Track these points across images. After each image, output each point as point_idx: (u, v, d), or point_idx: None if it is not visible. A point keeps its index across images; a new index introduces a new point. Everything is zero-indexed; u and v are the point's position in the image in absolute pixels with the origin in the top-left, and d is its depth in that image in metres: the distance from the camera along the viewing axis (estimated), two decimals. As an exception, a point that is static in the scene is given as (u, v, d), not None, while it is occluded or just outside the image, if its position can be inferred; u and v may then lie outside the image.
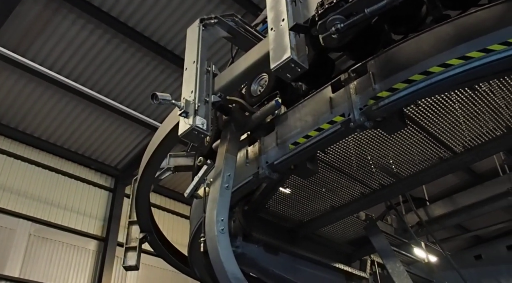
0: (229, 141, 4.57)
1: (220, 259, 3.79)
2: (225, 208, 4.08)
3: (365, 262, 6.73)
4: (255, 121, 4.65)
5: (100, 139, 12.89)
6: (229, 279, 3.74)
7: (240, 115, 4.74)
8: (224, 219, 3.98)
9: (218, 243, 3.84)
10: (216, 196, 4.16)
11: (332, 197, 5.51)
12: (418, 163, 4.82)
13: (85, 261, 12.33)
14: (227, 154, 4.43)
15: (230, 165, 4.34)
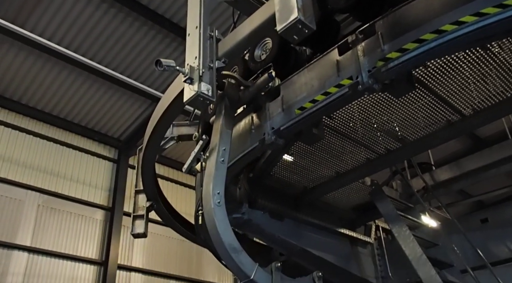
0: (223, 116, 4.57)
1: (217, 231, 3.88)
2: (221, 181, 4.13)
3: (369, 227, 6.77)
4: (249, 95, 4.64)
5: (102, 111, 12.85)
6: (227, 249, 3.85)
7: (234, 89, 4.70)
8: (220, 192, 4.05)
9: (215, 215, 3.93)
10: (212, 170, 4.21)
11: (337, 163, 5.50)
12: (425, 127, 4.77)
13: (93, 231, 12.51)
14: (222, 129, 4.45)
15: (225, 139, 4.37)
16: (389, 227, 6.15)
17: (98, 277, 12.03)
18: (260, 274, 3.98)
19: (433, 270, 4.67)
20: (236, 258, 3.88)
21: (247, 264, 3.92)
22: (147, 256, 13.30)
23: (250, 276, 3.88)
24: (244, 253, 3.94)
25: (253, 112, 4.42)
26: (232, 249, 3.88)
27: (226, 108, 4.59)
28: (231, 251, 3.88)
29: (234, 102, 4.67)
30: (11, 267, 10.52)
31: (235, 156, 4.57)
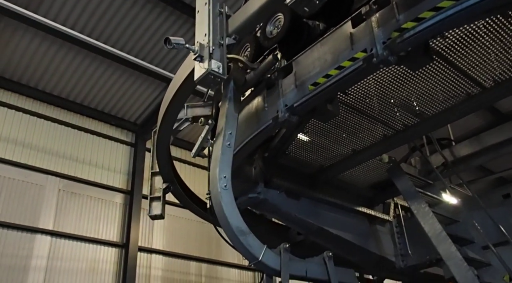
0: (229, 100, 4.54)
1: (225, 214, 3.93)
2: (227, 165, 4.14)
3: (388, 205, 6.68)
4: (256, 77, 4.61)
5: (118, 95, 12.87)
6: (235, 232, 3.89)
7: (240, 73, 4.67)
8: (227, 176, 4.06)
9: (222, 199, 3.96)
10: (218, 154, 4.21)
11: (354, 141, 5.40)
12: (444, 100, 4.64)
13: (113, 214, 12.67)
14: (228, 112, 4.43)
15: (231, 123, 4.35)
16: (407, 205, 6.06)
17: (119, 259, 12.22)
18: (269, 255, 4.02)
19: (454, 246, 4.58)
20: (244, 241, 3.94)
21: (255, 246, 3.98)
22: (167, 238, 13.45)
23: (259, 257, 3.94)
24: (252, 235, 3.99)
25: (266, 89, 4.33)
26: (239, 232, 3.94)
27: (232, 92, 4.55)
28: (238, 234, 3.93)
29: (240, 85, 4.63)
30: (35, 251, 10.75)
31: (248, 135, 4.52)
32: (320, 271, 4.56)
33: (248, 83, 4.72)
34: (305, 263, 4.55)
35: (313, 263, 4.62)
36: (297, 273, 4.33)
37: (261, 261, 3.96)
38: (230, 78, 4.61)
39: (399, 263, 6.02)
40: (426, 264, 5.70)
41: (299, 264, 4.41)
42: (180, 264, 13.36)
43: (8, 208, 10.71)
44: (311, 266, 4.53)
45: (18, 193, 11.05)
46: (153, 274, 12.73)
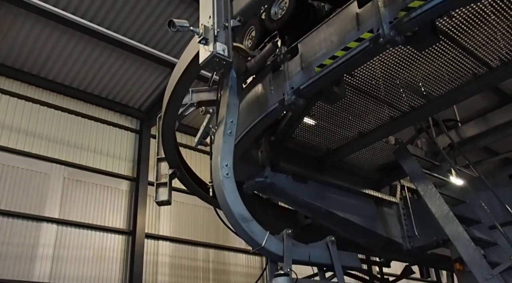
0: (230, 88, 4.55)
1: (227, 202, 3.99)
2: (229, 154, 4.18)
3: (394, 188, 6.70)
4: (257, 65, 4.63)
5: (122, 81, 12.82)
6: (237, 220, 3.96)
7: (241, 61, 4.68)
8: (229, 164, 4.10)
9: (224, 187, 4.01)
10: (220, 142, 4.25)
11: (360, 123, 5.39)
12: (450, 81, 4.62)
13: (119, 201, 12.69)
14: (229, 101, 4.46)
15: (233, 112, 4.38)
16: (414, 186, 6.06)
17: (126, 246, 12.28)
18: (271, 241, 4.09)
19: (461, 227, 4.60)
20: (246, 227, 4.00)
21: (258, 232, 4.05)
22: (173, 224, 13.49)
23: (261, 244, 4.01)
24: (254, 222, 4.05)
25: (272, 72, 4.31)
26: (242, 219, 4.00)
27: (232, 80, 4.55)
28: (241, 221, 4.00)
29: (241, 73, 4.64)
30: (41, 239, 10.80)
31: (254, 119, 4.51)
32: (323, 255, 4.61)
33: (249, 70, 4.75)
34: (308, 248, 4.61)
35: (316, 248, 4.69)
36: (300, 258, 4.40)
37: (264, 247, 4.03)
38: (231, 66, 4.68)
39: (406, 244, 6.05)
40: (433, 245, 5.73)
41: (302, 249, 4.47)
42: (187, 250, 13.43)
43: (13, 197, 10.74)
44: (314, 251, 4.59)
45: (23, 181, 11.07)
46: (161, 260, 12.81)
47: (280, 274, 3.70)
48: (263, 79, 4.50)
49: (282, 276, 3.69)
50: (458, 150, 5.89)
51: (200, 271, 13.45)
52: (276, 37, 4.56)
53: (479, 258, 4.29)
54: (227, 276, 13.95)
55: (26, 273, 10.16)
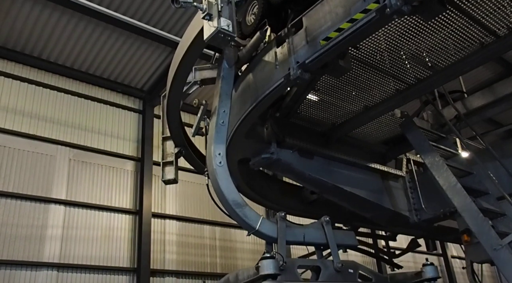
0: (222, 79, 4.79)
1: (221, 189, 4.26)
2: (221, 143, 4.45)
3: (400, 161, 6.69)
4: (247, 54, 4.76)
5: (123, 62, 12.72)
6: (231, 205, 4.24)
7: (233, 51, 4.81)
8: (221, 153, 4.37)
9: (217, 175, 4.28)
10: (213, 132, 4.47)
11: (365, 97, 5.36)
12: (457, 51, 4.56)
13: (125, 181, 12.75)
14: (221, 91, 4.70)
15: (225, 101, 4.62)
16: (421, 159, 6.05)
17: (134, 225, 12.38)
18: (265, 224, 4.34)
19: (469, 198, 4.60)
20: (240, 212, 4.27)
21: (252, 216, 4.31)
22: (179, 203, 13.57)
23: (255, 227, 4.27)
24: (248, 207, 4.31)
25: (276, 47, 4.25)
26: (236, 205, 4.27)
27: (225, 71, 4.81)
28: (235, 207, 4.27)
29: (233, 64, 4.81)
30: (50, 220, 10.90)
31: (259, 95, 4.47)
32: (318, 235, 4.76)
33: (241, 60, 4.88)
34: (303, 229, 4.79)
35: (310, 228, 4.85)
36: (295, 239, 4.60)
37: (258, 230, 4.29)
38: (223, 57, 4.88)
39: (413, 217, 6.07)
40: (440, 217, 5.75)
41: (296, 230, 4.66)
42: (194, 228, 13.54)
43: (20, 179, 10.80)
44: (308, 231, 4.76)
45: (29, 164, 11.11)
46: (168, 239, 12.93)
47: (266, 257, 3.85)
48: (267, 54, 4.44)
49: (268, 259, 3.83)
50: (465, 121, 5.85)
51: (207, 248, 13.59)
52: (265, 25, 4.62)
53: (487, 228, 4.31)
54: (234, 253, 14.10)
55: (36, 254, 10.29)
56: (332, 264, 4.49)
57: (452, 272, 19.08)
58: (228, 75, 4.91)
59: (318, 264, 4.50)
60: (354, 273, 4.65)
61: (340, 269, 4.48)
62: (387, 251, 8.33)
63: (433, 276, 4.71)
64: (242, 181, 6.27)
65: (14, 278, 9.81)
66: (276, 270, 3.80)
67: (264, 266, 3.79)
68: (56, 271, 10.46)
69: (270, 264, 3.80)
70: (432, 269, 4.74)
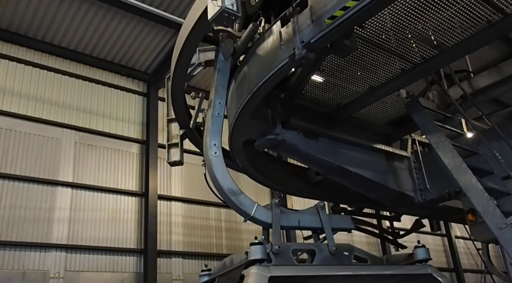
0: (218, 71, 4.94)
1: (216, 178, 4.45)
2: (217, 134, 4.64)
3: (405, 142, 6.67)
4: (242, 46, 4.91)
5: (126, 44, 12.69)
6: (226, 193, 4.43)
7: (228, 43, 4.98)
8: (217, 143, 4.57)
9: (213, 165, 4.48)
10: (209, 124, 4.66)
11: (371, 77, 5.32)
12: (464, 30, 4.50)
13: (130, 164, 12.84)
14: (217, 83, 4.85)
15: (220, 93, 4.80)
16: (426, 139, 6.04)
17: (140, 207, 12.50)
18: (260, 211, 4.53)
19: (474, 178, 4.59)
20: (235, 200, 4.46)
21: (247, 203, 4.50)
22: (185, 185, 13.67)
23: (251, 213, 4.46)
24: (243, 194, 4.49)
25: (281, 27, 4.21)
26: (231, 193, 4.46)
27: (221, 63, 4.95)
28: (230, 195, 4.45)
29: (228, 55, 4.96)
30: (57, 203, 11.02)
31: (264, 76, 4.45)
32: (313, 220, 4.92)
33: (237, 52, 5.03)
34: (298, 214, 4.97)
35: (305, 213, 5.01)
36: (290, 224, 4.79)
37: (253, 216, 4.47)
38: (219, 49, 5.03)
39: (417, 198, 6.08)
40: (445, 197, 5.75)
41: (291, 216, 4.84)
42: (199, 210, 13.66)
43: (27, 162, 10.90)
44: (303, 216, 4.92)
45: (36, 147, 11.20)
46: (174, 220, 13.06)
47: (255, 243, 4.00)
48: (271, 34, 4.41)
49: (256, 245, 3.98)
50: (471, 101, 5.81)
51: (213, 230, 13.73)
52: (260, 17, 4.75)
53: (492, 208, 4.31)
54: (239, 234, 14.23)
55: (45, 236, 10.45)
56: (327, 247, 4.63)
57: (456, 252, 19.21)
58: (223, 67, 5.03)
59: (313, 248, 4.64)
60: (349, 255, 4.78)
61: (334, 251, 4.63)
62: (392, 232, 8.36)
63: (424, 257, 4.84)
64: (247, 162, 6.28)
65: (24, 259, 9.98)
66: (264, 255, 3.96)
67: (252, 252, 3.96)
68: (64, 252, 10.62)
69: (257, 249, 3.96)
70: (423, 251, 4.87)
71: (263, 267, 3.89)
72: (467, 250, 19.73)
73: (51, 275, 10.25)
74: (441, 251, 19.48)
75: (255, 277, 3.75)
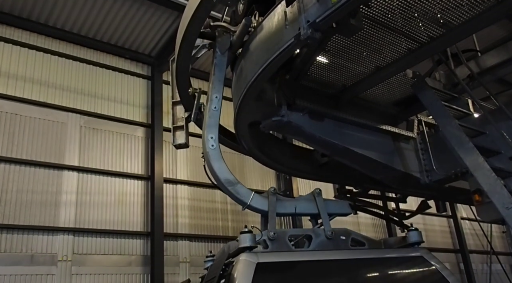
0: (215, 66, 5.13)
1: (214, 170, 4.70)
2: (214, 127, 4.88)
3: (412, 122, 6.64)
4: (237, 41, 5.10)
5: (130, 27, 12.58)
6: (223, 184, 4.70)
7: (225, 38, 5.18)
8: (214, 136, 4.81)
9: (210, 157, 4.74)
10: (206, 117, 4.90)
11: (377, 57, 5.27)
12: (471, 7, 4.43)
13: (136, 147, 12.85)
14: (214, 78, 5.07)
15: (217, 88, 5.02)
16: (433, 119, 6.00)
17: (146, 190, 12.55)
18: (256, 199, 4.73)
19: (481, 157, 4.57)
20: (232, 190, 4.68)
21: (244, 192, 4.72)
22: (190, 169, 13.68)
23: (247, 202, 4.66)
24: (239, 184, 4.72)
25: (286, 6, 4.16)
26: (228, 183, 4.69)
27: (217, 58, 5.14)
28: (227, 185, 4.68)
29: (225, 50, 5.17)
30: (63, 186, 11.08)
31: (269, 57, 4.41)
32: (309, 206, 5.03)
33: (234, 45, 5.19)
34: (294, 201, 5.13)
35: (301, 200, 5.16)
36: (287, 211, 4.98)
37: (250, 205, 4.68)
38: (216, 43, 5.22)
39: (424, 178, 6.07)
40: (451, 178, 5.74)
41: (288, 203, 4.98)
42: (205, 193, 13.69)
43: (33, 146, 10.92)
44: (300, 203, 5.06)
45: (41, 131, 11.21)
46: (180, 203, 13.10)
47: (244, 231, 4.17)
48: (277, 14, 4.35)
49: (245, 233, 4.15)
50: (478, 80, 5.74)
51: (219, 212, 13.78)
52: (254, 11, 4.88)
53: (499, 187, 4.29)
54: (245, 216, 14.27)
55: (52, 219, 10.53)
56: (323, 232, 4.74)
57: (461, 233, 19.25)
58: (220, 62, 5.22)
59: (309, 233, 4.75)
60: (346, 240, 4.85)
61: (331, 236, 4.73)
62: (397, 213, 8.38)
63: (416, 240, 4.94)
64: (252, 144, 6.28)
65: (32, 242, 10.08)
66: (252, 242, 4.12)
67: (241, 240, 4.13)
68: (72, 235, 10.72)
69: (246, 237, 4.12)
70: (415, 234, 4.98)
71: (251, 254, 4.06)
72: (472, 231, 19.76)
73: (59, 258, 10.36)
74: (447, 233, 19.52)
75: (243, 264, 3.93)
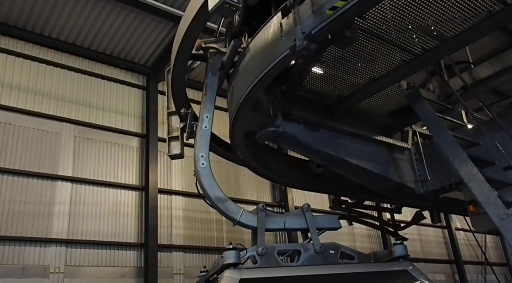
0: (206, 86, 5.31)
1: (204, 187, 4.86)
2: (204, 146, 5.03)
3: (406, 133, 6.69)
4: (228, 61, 5.31)
5: (125, 37, 12.59)
6: (213, 201, 4.82)
7: (216, 59, 5.34)
8: (204, 155, 4.96)
9: (200, 176, 4.90)
10: (197, 137, 5.07)
11: (371, 68, 5.32)
12: (464, 20, 4.49)
13: (130, 158, 12.78)
14: (205, 98, 5.25)
15: (208, 107, 5.20)
16: (427, 130, 6.03)
17: (140, 201, 12.45)
18: (246, 216, 4.82)
19: (475, 168, 4.59)
20: (222, 207, 4.80)
21: (233, 209, 4.83)
22: (185, 179, 13.61)
23: (237, 218, 4.75)
24: (229, 201, 4.86)
25: (282, 18, 4.19)
26: (218, 200, 4.81)
27: (209, 78, 5.31)
28: (217, 202, 4.80)
29: (216, 71, 5.34)
30: (57, 197, 10.97)
31: (265, 68, 4.43)
32: (299, 221, 5.06)
33: (225, 65, 5.36)
34: (283, 216, 5.19)
35: (291, 215, 5.22)
36: (276, 227, 5.01)
37: (239, 221, 4.76)
38: (207, 65, 5.37)
39: (419, 189, 6.10)
40: (446, 188, 5.77)
41: (277, 218, 5.03)
42: (200, 204, 13.57)
43: (26, 156, 10.83)
44: (289, 218, 5.11)
45: (35, 141, 11.12)
46: (175, 214, 13.02)
47: (230, 248, 4.26)
48: (272, 25, 4.39)
49: (229, 250, 4.25)
50: (471, 91, 5.80)
51: (214, 223, 13.71)
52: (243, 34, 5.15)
53: (494, 198, 4.31)
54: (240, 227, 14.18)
55: (44, 230, 10.41)
56: (312, 247, 4.76)
57: (456, 244, 19.25)
58: (212, 82, 5.38)
59: (298, 248, 4.78)
60: (335, 254, 4.85)
61: (319, 251, 4.75)
62: (392, 224, 8.39)
63: (401, 254, 4.92)
64: (248, 154, 6.28)
65: (24, 253, 9.95)
66: (237, 259, 4.21)
67: (226, 256, 4.22)
68: (65, 247, 10.60)
69: (230, 254, 4.22)
70: (401, 248, 4.95)
71: (234, 270, 4.15)
72: (467, 242, 19.77)
73: (51, 270, 10.24)
74: (442, 243, 19.53)
75: (226, 280, 4.04)
